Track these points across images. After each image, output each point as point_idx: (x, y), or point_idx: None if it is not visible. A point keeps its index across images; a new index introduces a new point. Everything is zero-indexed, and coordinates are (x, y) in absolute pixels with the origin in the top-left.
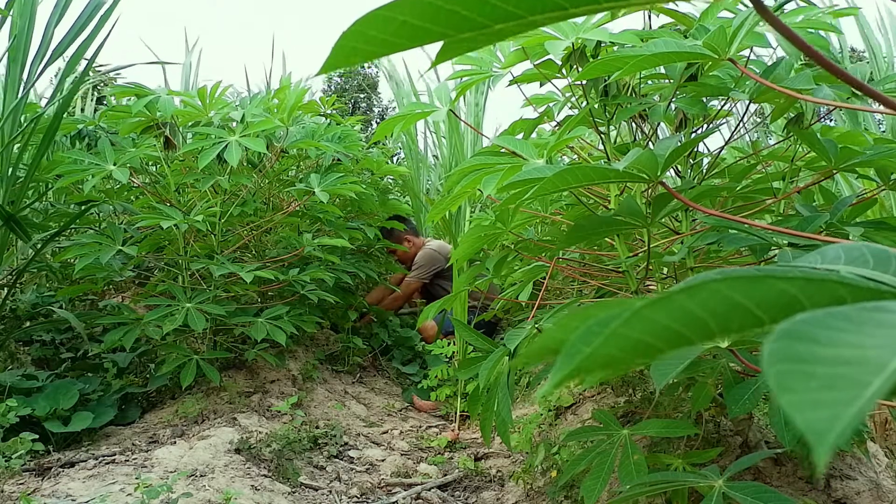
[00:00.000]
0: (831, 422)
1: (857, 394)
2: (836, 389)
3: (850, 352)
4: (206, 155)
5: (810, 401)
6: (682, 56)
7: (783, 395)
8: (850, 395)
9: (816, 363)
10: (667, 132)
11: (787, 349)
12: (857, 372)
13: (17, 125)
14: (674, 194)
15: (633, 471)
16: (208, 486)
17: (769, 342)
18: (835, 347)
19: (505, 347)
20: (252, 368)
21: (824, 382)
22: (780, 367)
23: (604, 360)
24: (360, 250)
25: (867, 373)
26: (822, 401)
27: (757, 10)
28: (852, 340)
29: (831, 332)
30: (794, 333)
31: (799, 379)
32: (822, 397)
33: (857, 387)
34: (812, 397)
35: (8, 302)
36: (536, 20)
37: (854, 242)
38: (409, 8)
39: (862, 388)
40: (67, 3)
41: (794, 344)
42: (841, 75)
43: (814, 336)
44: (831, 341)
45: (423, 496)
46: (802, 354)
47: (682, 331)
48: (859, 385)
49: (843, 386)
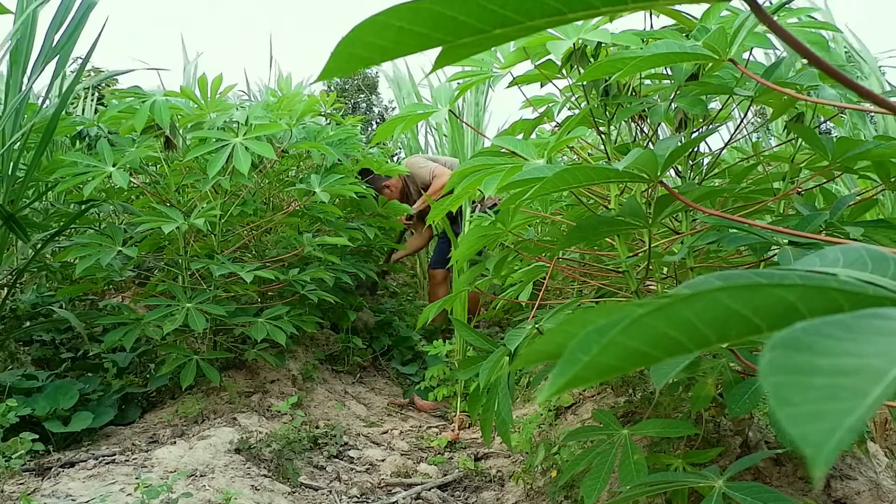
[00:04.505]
0: (830, 434)
1: (857, 403)
2: (835, 400)
3: (850, 361)
4: (215, 162)
5: (809, 413)
6: (682, 57)
7: (781, 407)
8: (850, 405)
9: (815, 374)
10: (667, 132)
11: (784, 359)
12: (856, 382)
13: (18, 125)
14: (674, 195)
15: (633, 471)
16: (208, 486)
17: (766, 352)
18: (833, 357)
19: (505, 347)
20: (252, 368)
21: (824, 393)
22: (778, 378)
23: (602, 369)
24: (360, 250)
25: (867, 382)
26: (821, 412)
27: (753, 11)
28: (851, 349)
29: (829, 341)
30: (791, 343)
31: (797, 391)
32: (822, 409)
33: (857, 396)
34: (811, 409)
35: (8, 302)
36: (534, 25)
37: (853, 245)
38: (407, 14)
39: (861, 397)
40: (70, 6)
41: (792, 354)
42: (836, 76)
43: (812, 346)
44: (830, 351)
45: (423, 496)
46: (800, 365)
47: (680, 339)
48: (859, 395)
49: (843, 396)
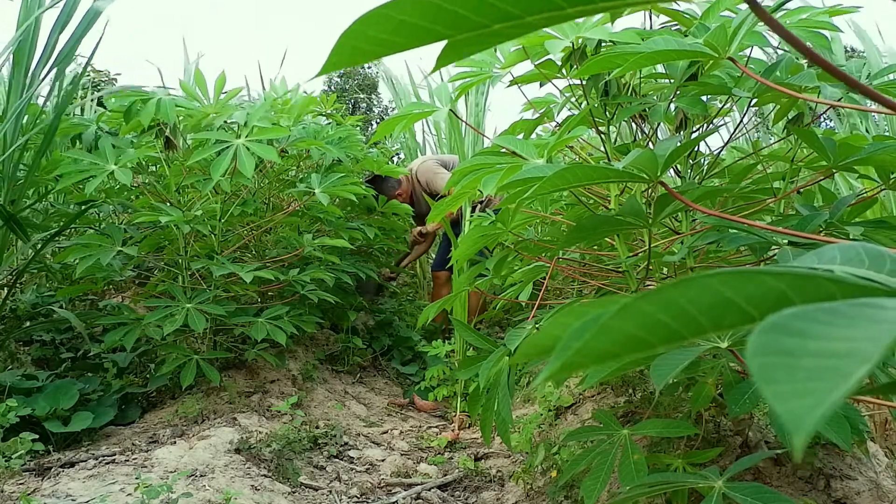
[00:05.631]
0: (813, 409)
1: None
2: (820, 380)
3: (839, 345)
4: (219, 164)
5: (796, 391)
6: (681, 54)
7: (767, 386)
8: (833, 384)
9: (804, 356)
10: (667, 132)
11: (773, 342)
12: (842, 363)
13: (20, 127)
14: (674, 195)
15: (633, 471)
16: (208, 486)
17: (754, 335)
18: (823, 341)
19: (505, 347)
20: (252, 368)
21: (810, 374)
22: (765, 359)
23: (596, 354)
24: (360, 250)
25: (852, 364)
26: (807, 390)
27: (753, 9)
28: (841, 334)
29: (821, 325)
30: (781, 327)
31: (784, 371)
32: (807, 387)
33: (842, 377)
34: (798, 387)
35: (8, 302)
36: (534, 21)
37: (850, 243)
38: (409, 7)
39: (845, 378)
40: (73, 9)
41: (781, 337)
42: (837, 74)
43: (802, 330)
44: (820, 335)
45: (423, 496)
46: (790, 347)
47: (673, 325)
48: (844, 375)
49: (828, 377)
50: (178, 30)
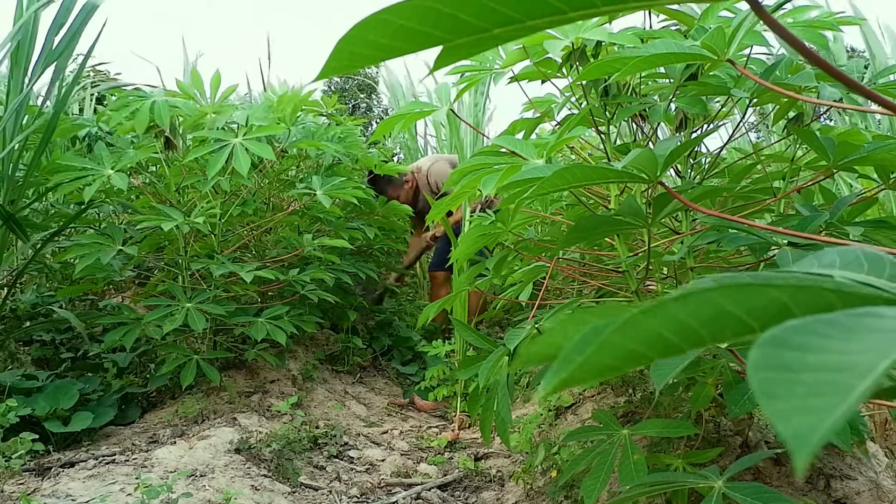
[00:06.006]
0: (815, 427)
1: (843, 398)
2: (822, 396)
3: (839, 358)
4: (215, 163)
5: (796, 408)
6: (681, 57)
7: (767, 402)
8: (836, 400)
9: (803, 370)
10: (667, 132)
11: (772, 356)
12: (844, 377)
13: (18, 126)
14: (674, 195)
15: (632, 471)
16: (208, 486)
17: (754, 349)
18: (823, 354)
19: (505, 347)
20: (252, 368)
21: (811, 389)
22: (765, 374)
23: (597, 369)
24: (360, 250)
25: (854, 377)
26: (808, 407)
27: (753, 9)
28: (841, 347)
29: (820, 338)
30: (780, 341)
31: (784, 386)
32: (808, 404)
33: (844, 392)
34: (798, 404)
35: (8, 302)
36: (535, 24)
37: (849, 246)
38: (408, 12)
39: (847, 392)
40: (70, 7)
41: (781, 351)
42: (836, 75)
43: (801, 343)
44: (819, 348)
45: (423, 496)
46: (789, 362)
47: (674, 339)
48: (846, 390)
49: (829, 392)
50: (176, 27)
